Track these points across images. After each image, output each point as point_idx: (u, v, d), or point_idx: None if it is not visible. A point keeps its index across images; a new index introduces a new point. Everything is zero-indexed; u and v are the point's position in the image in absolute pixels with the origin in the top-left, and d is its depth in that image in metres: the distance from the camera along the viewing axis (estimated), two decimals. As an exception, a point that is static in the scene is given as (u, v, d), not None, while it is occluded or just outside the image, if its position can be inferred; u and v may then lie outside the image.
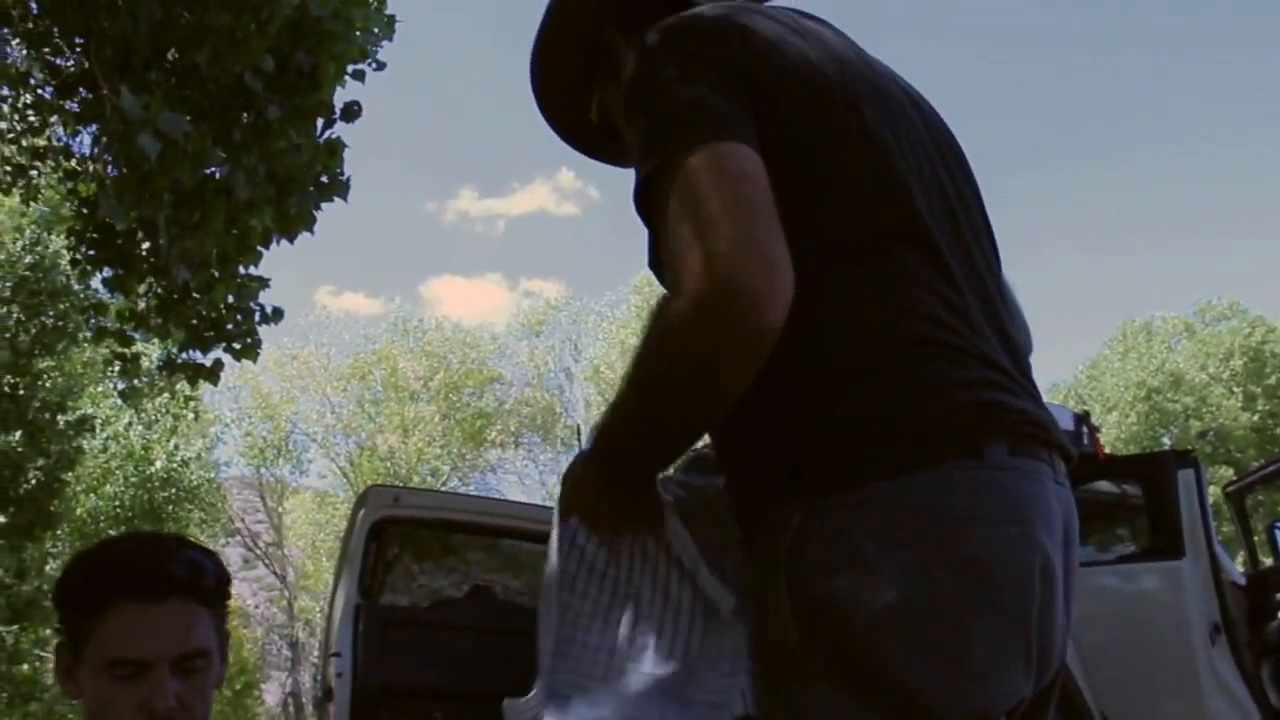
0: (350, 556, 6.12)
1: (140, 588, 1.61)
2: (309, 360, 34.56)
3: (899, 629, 1.26)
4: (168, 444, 18.61)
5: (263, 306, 6.38)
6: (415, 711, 5.99)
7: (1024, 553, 1.30)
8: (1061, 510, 1.38)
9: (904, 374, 1.34)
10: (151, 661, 1.59)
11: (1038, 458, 1.36)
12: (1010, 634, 1.29)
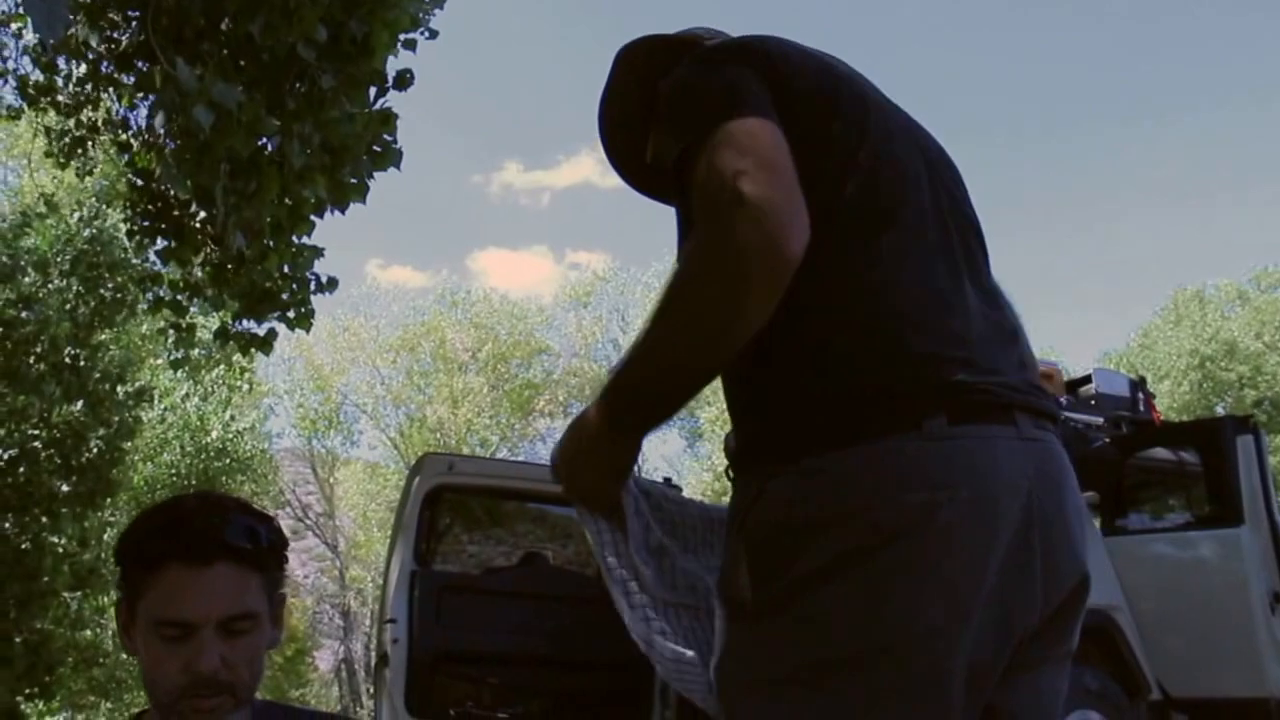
0: (405, 523, 6.18)
1: (191, 550, 1.63)
2: (359, 332, 34.82)
3: (829, 584, 1.45)
4: (223, 415, 18.85)
5: (317, 276, 6.42)
6: (470, 676, 6.05)
7: (954, 515, 1.43)
8: (1033, 461, 1.51)
9: (854, 354, 1.51)
10: (197, 623, 1.62)
11: (990, 422, 1.49)
12: (933, 589, 1.43)
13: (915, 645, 1.44)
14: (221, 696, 1.64)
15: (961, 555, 1.44)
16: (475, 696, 6.10)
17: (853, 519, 1.45)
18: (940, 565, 1.44)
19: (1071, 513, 1.57)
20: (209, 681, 1.62)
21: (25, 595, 9.11)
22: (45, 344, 9.45)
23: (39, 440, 9.29)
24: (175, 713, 1.65)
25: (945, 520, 1.43)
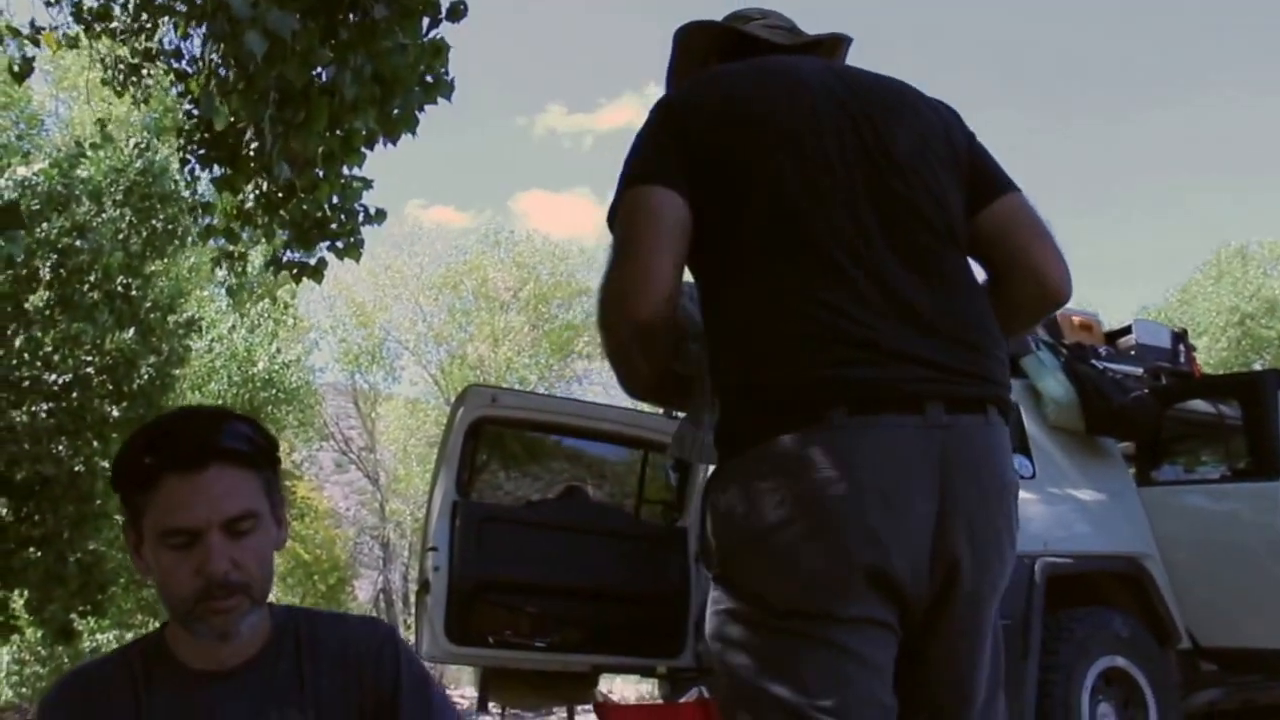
0: (448, 455, 6.28)
1: (183, 459, 1.66)
2: (402, 270, 34.94)
3: (752, 550, 1.79)
4: (269, 347, 19.05)
5: (365, 208, 6.45)
6: (508, 605, 6.17)
7: (848, 491, 1.72)
8: (938, 445, 1.76)
9: (771, 363, 1.82)
10: (201, 528, 1.65)
11: (892, 412, 1.76)
12: (838, 555, 1.73)
13: (817, 603, 1.75)
14: (236, 597, 1.68)
15: (857, 527, 1.72)
16: (513, 625, 6.21)
17: (769, 498, 1.77)
18: (838, 535, 1.73)
19: (988, 491, 1.81)
20: (222, 583, 1.66)
21: (78, 517, 9.31)
22: (98, 273, 9.59)
23: (92, 366, 9.46)
24: (194, 618, 1.69)
25: (839, 496, 1.72)
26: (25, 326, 9.23)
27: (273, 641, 1.82)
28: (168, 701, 1.75)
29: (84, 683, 1.78)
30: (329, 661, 1.83)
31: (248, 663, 1.78)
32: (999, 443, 1.85)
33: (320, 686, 1.80)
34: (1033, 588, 5.76)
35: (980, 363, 1.86)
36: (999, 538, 1.84)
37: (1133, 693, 6.11)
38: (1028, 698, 5.65)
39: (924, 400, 1.78)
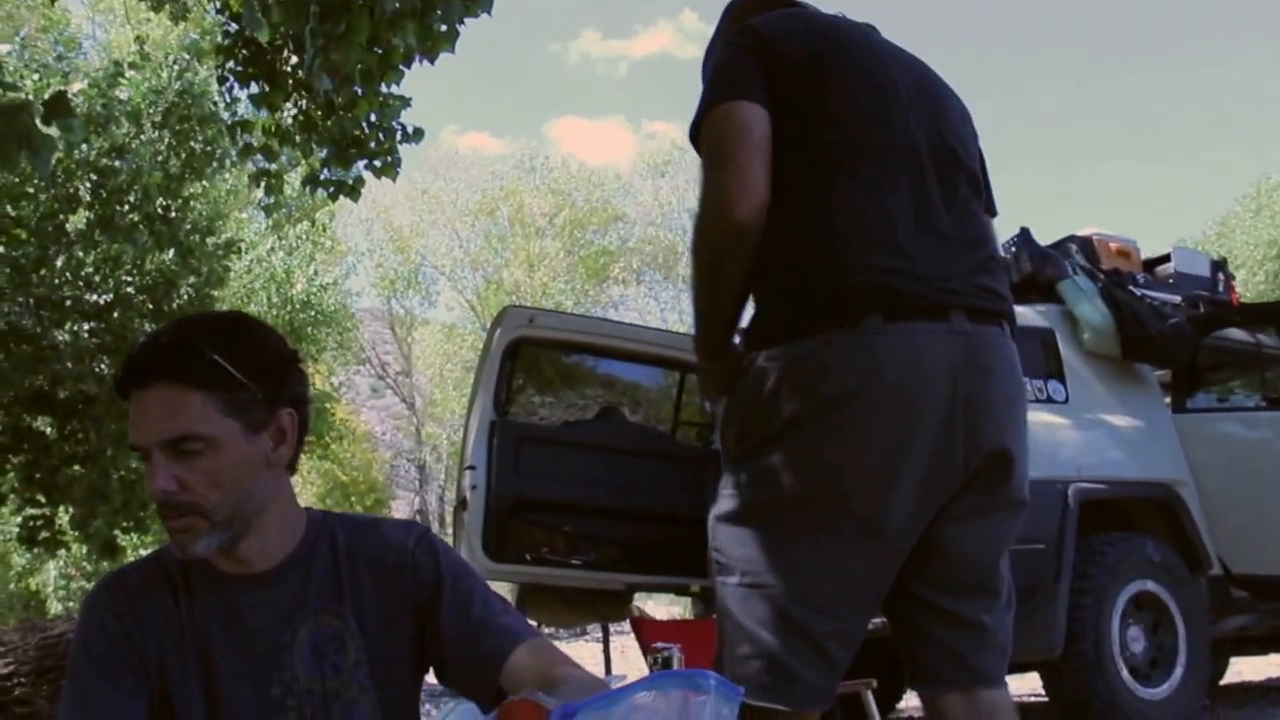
0: (485, 375, 6.31)
1: (132, 373, 1.63)
2: (438, 195, 34.97)
3: (781, 443, 1.92)
4: (307, 269, 19.16)
5: (403, 126, 6.44)
6: (545, 524, 6.23)
7: (877, 393, 1.87)
8: (961, 351, 1.93)
9: (814, 267, 1.96)
10: (143, 447, 1.63)
11: (921, 319, 1.91)
12: (859, 453, 1.88)
13: (840, 495, 1.90)
14: (186, 518, 1.64)
15: (883, 426, 1.88)
16: (550, 543, 6.28)
17: (801, 393, 1.91)
18: (864, 433, 1.88)
19: (998, 396, 1.97)
20: (165, 502, 1.63)
21: (120, 435, 9.43)
22: (138, 194, 9.64)
23: (132, 286, 9.56)
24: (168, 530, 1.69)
25: (869, 398, 1.87)
26: (66, 247, 9.33)
27: (305, 546, 1.81)
28: (204, 602, 1.75)
29: (124, 583, 1.77)
30: (366, 567, 1.81)
31: (280, 567, 1.78)
32: (1012, 352, 2.05)
33: (359, 593, 1.79)
34: (1066, 512, 5.79)
35: (996, 285, 2.05)
36: (1019, 440, 2.03)
37: (1163, 617, 6.16)
38: (1058, 620, 5.70)
39: (950, 310, 1.94)
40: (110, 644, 1.71)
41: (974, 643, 2.04)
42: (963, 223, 2.06)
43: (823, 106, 2.05)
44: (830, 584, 1.94)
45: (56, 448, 9.57)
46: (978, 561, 2.04)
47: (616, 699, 0.95)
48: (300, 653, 1.74)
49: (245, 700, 1.71)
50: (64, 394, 9.36)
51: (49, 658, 6.95)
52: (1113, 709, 5.89)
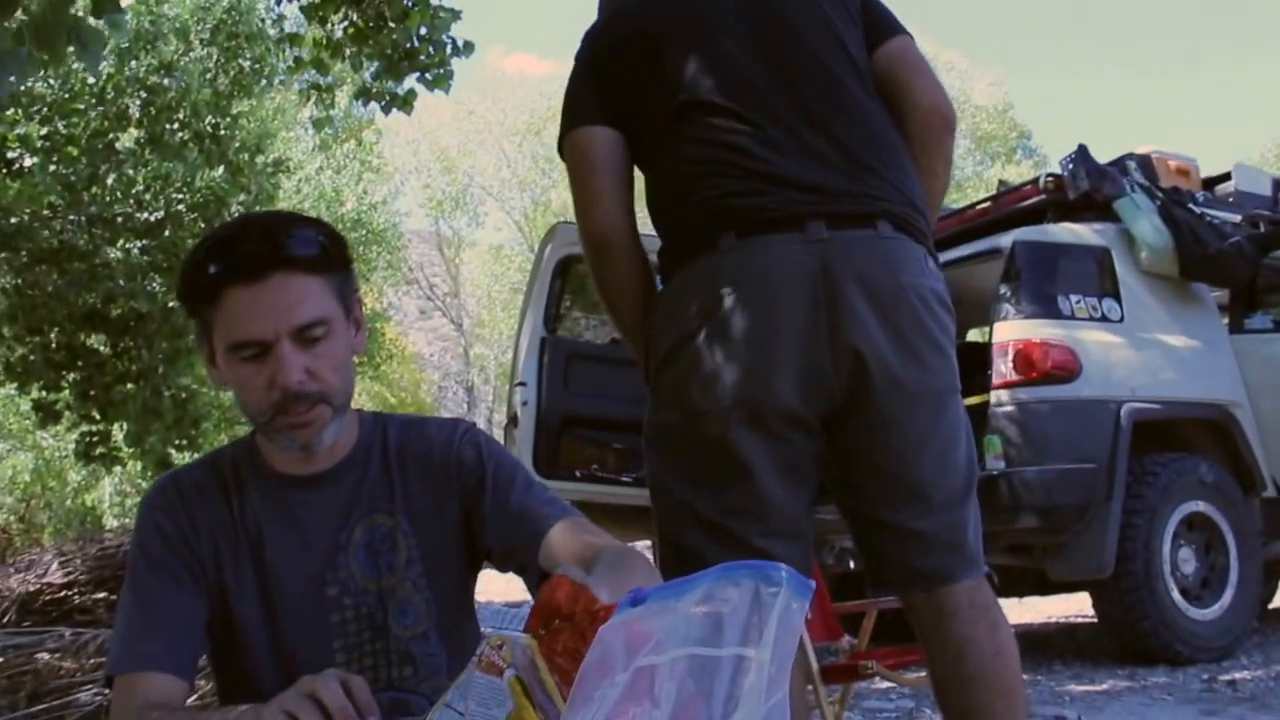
0: (536, 292, 6.32)
1: (243, 270, 1.59)
2: (485, 116, 34.84)
3: (664, 363, 2.08)
4: (356, 187, 19.18)
5: (454, 39, 6.40)
6: (595, 441, 6.26)
7: (735, 305, 1.99)
8: (819, 255, 2.00)
9: (675, 210, 2.14)
10: (269, 340, 1.59)
11: (773, 232, 2.01)
12: (730, 365, 2.00)
13: (722, 404, 2.01)
14: (317, 408, 1.64)
15: (745, 335, 1.99)
16: (600, 460, 6.31)
17: (674, 318, 2.08)
18: (730, 343, 2.00)
19: (863, 300, 1.99)
20: (297, 394, 1.61)
21: (172, 353, 9.54)
22: (187, 111, 9.65)
23: (182, 204, 9.59)
24: (274, 430, 1.67)
25: (728, 310, 2.00)
26: (117, 165, 9.36)
27: (361, 447, 1.81)
28: (258, 504, 1.77)
29: (178, 486, 1.77)
30: (416, 466, 1.82)
31: (336, 468, 1.78)
32: (891, 252, 2.05)
33: (410, 492, 1.80)
34: (1118, 432, 5.76)
35: (869, 182, 2.07)
36: (904, 336, 2.02)
37: (1214, 538, 6.14)
38: (1110, 540, 5.69)
39: (805, 219, 2.02)
40: (167, 545, 1.73)
41: (913, 549, 2.08)
42: (830, 124, 2.10)
43: (658, 75, 2.18)
44: (741, 488, 2.04)
45: (110, 365, 9.68)
46: (892, 467, 2.06)
47: (687, 587, 0.94)
48: (355, 552, 1.76)
49: (302, 600, 1.73)
50: (116, 312, 9.45)
51: (106, 568, 7.09)
52: (1162, 629, 5.88)
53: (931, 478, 2.07)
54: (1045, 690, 5.55)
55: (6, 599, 6.78)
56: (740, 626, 0.94)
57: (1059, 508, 5.62)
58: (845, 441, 2.08)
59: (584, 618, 1.10)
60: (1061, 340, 5.84)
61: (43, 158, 8.48)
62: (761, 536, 2.04)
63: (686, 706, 0.93)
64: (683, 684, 0.92)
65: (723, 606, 0.94)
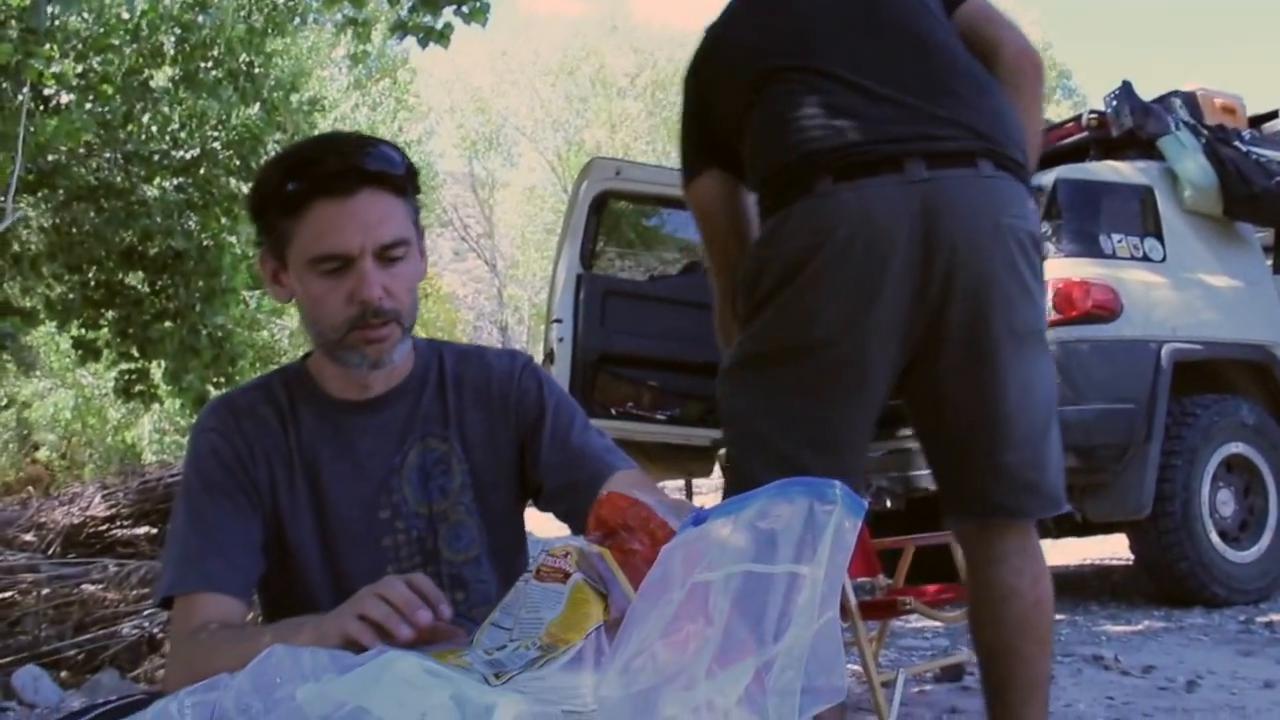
0: (572, 228, 6.30)
1: (333, 184, 1.60)
2: (519, 56, 34.66)
3: (758, 304, 2.15)
4: (391, 125, 19.11)
5: (490, -29, 6.35)
6: (630, 379, 6.26)
7: (834, 250, 2.03)
8: (919, 196, 2.02)
9: (772, 162, 2.17)
10: (354, 254, 1.60)
11: (871, 175, 2.03)
12: (827, 304, 2.05)
13: (814, 344, 2.08)
14: (390, 325, 1.65)
15: (842, 278, 2.03)
16: (635, 398, 6.31)
17: (772, 261, 2.13)
18: (826, 287, 2.05)
19: (964, 238, 2.03)
20: (376, 310, 1.62)
21: (209, 291, 9.57)
22: (221, 48, 9.61)
23: (218, 142, 9.59)
24: (345, 347, 1.67)
25: (827, 254, 2.03)
26: (152, 103, 9.35)
27: (416, 373, 1.82)
28: (312, 428, 1.76)
29: (231, 408, 1.78)
30: (472, 394, 1.82)
31: (391, 392, 1.79)
32: (992, 190, 2.08)
33: (465, 419, 1.80)
34: (1159, 372, 5.71)
35: (968, 122, 2.09)
36: (998, 277, 2.06)
37: (1254, 480, 6.11)
38: (1148, 481, 5.66)
39: (903, 160, 2.04)
40: (223, 467, 1.72)
41: (992, 481, 2.15)
42: (922, 77, 2.14)
43: (755, 49, 2.26)
44: (820, 425, 2.12)
45: (147, 303, 9.72)
46: (980, 405, 2.12)
47: (743, 504, 0.94)
48: (409, 476, 1.76)
49: (355, 523, 1.74)
50: (153, 250, 9.48)
51: (148, 501, 7.18)
52: (1199, 570, 5.87)
53: (1015, 414, 2.13)
54: (1082, 630, 5.56)
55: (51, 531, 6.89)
56: (794, 544, 0.94)
57: (1098, 448, 5.59)
58: (934, 377, 2.14)
59: (643, 532, 1.10)
60: (1103, 279, 5.78)
61: (79, 95, 8.48)
62: (832, 471, 2.03)
63: (739, 623, 0.93)
64: (736, 601, 0.92)
65: (777, 523, 0.93)
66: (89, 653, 5.21)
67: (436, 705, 0.93)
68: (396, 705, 0.92)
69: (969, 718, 3.89)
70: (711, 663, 0.92)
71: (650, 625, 0.92)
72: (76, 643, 5.23)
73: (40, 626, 5.43)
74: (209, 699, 0.93)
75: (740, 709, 0.94)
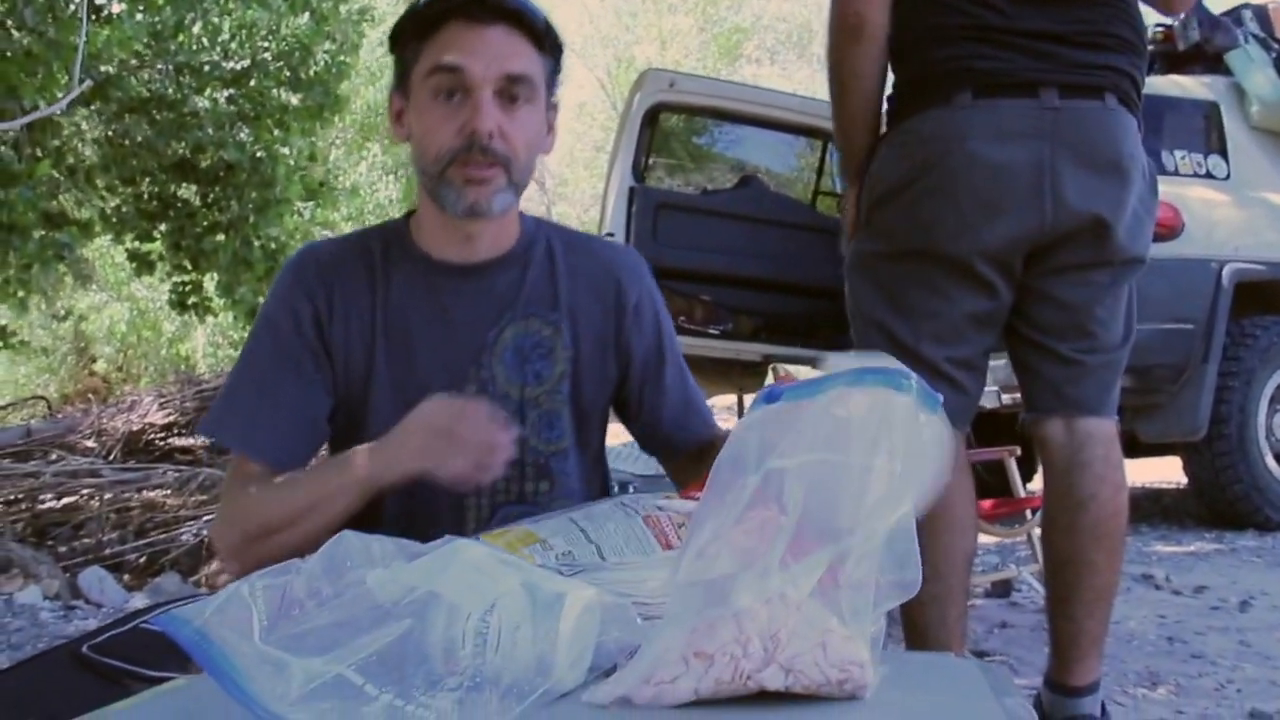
0: (625, 140, 6.23)
1: (471, 7, 1.58)
2: (568, -32, 34.24)
3: (885, 201, 2.26)
4: (439, 37, 18.88)
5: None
6: (683, 293, 6.22)
7: (963, 159, 2.14)
8: (1050, 122, 2.14)
9: (916, 60, 2.25)
10: (475, 80, 1.56)
11: (1009, 97, 2.15)
12: (950, 211, 2.16)
13: (934, 243, 2.19)
14: (495, 169, 1.59)
15: (966, 186, 2.14)
16: (687, 312, 6.28)
17: (901, 161, 2.23)
18: (951, 192, 2.16)
19: (1088, 166, 2.15)
20: (484, 146, 1.56)
21: (261, 203, 9.60)
22: (270, -42, 9.56)
23: (268, 52, 9.56)
24: (446, 182, 1.61)
25: (955, 162, 2.14)
26: (202, 14, 9.33)
27: (522, 246, 1.75)
28: (405, 288, 1.70)
29: (319, 261, 1.71)
30: (587, 285, 1.77)
31: (495, 261, 1.72)
32: (1116, 123, 2.19)
33: (578, 309, 1.75)
34: (1218, 292, 5.63)
35: (1100, 56, 2.19)
36: (1119, 205, 2.18)
37: (1312, 404, 6.02)
38: (1204, 402, 5.60)
39: (1039, 87, 2.15)
40: (295, 327, 1.67)
41: (1072, 376, 2.28)
42: (1065, 5, 2.19)
43: None
44: (936, 317, 2.24)
45: (200, 215, 9.77)
46: (1074, 308, 2.26)
47: (820, 386, 0.92)
48: (502, 354, 1.70)
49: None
50: (206, 162, 9.51)
51: (204, 409, 7.26)
52: (1253, 493, 5.82)
53: (1104, 321, 2.29)
54: (1132, 550, 5.53)
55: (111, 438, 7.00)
56: (870, 434, 0.92)
57: (1154, 368, 5.52)
58: (1041, 281, 2.25)
59: None
60: (1164, 197, 5.59)
61: (130, 4, 8.47)
62: (947, 362, 2.25)
63: (814, 514, 0.92)
64: (811, 490, 0.91)
65: (853, 412, 0.92)
66: (149, 556, 5.32)
67: (507, 591, 0.93)
68: (468, 590, 0.92)
69: (1019, 633, 3.90)
70: (785, 554, 0.91)
71: (725, 511, 0.90)
72: (137, 546, 5.33)
73: (103, 530, 5.54)
74: (279, 582, 0.93)
75: (813, 602, 0.93)
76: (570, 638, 0.92)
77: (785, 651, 0.91)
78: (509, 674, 0.89)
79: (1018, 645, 3.70)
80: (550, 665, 0.90)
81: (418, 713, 0.83)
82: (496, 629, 0.90)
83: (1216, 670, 3.36)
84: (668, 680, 0.91)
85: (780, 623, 0.91)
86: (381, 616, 0.89)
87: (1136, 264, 2.29)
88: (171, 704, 0.95)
